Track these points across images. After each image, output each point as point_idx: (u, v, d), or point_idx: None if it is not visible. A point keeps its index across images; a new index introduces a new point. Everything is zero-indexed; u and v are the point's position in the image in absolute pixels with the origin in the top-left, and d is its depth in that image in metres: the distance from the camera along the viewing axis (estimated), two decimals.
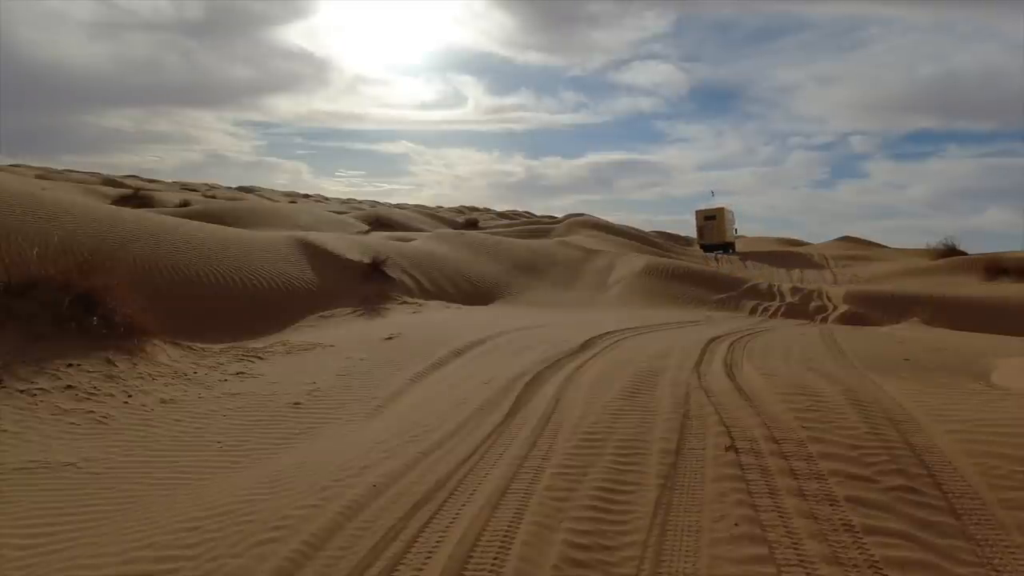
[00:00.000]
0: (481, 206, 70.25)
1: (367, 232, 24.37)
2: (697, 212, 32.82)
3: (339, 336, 9.23)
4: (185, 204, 26.91)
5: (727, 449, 3.84)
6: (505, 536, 2.97)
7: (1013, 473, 3.39)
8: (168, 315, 7.58)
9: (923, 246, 26.71)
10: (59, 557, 3.11)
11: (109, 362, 6.18)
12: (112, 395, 5.68)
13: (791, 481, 3.42)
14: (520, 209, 70.44)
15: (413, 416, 5.14)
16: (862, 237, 37.84)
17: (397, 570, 2.74)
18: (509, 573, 2.69)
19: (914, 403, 4.59)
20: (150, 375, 6.30)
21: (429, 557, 2.83)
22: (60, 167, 49.47)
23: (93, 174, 47.12)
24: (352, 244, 14.93)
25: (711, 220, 32.40)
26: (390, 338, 8.70)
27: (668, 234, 43.48)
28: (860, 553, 2.77)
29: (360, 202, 59.25)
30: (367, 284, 13.02)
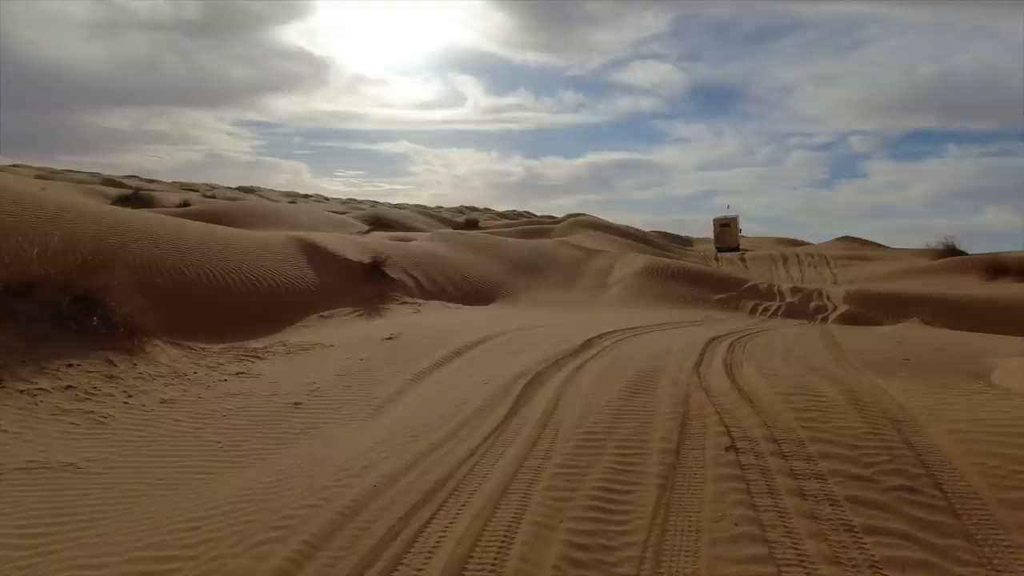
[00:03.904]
0: (481, 206, 70.33)
1: (367, 232, 24.35)
2: (714, 220, 37.55)
3: (339, 336, 9.23)
4: (185, 204, 26.85)
5: (727, 449, 3.85)
6: (505, 536, 2.97)
7: (1013, 473, 3.39)
8: (168, 315, 7.58)
9: (923, 246, 26.58)
10: (59, 557, 3.11)
11: (109, 362, 6.18)
12: (112, 395, 5.68)
13: (791, 481, 3.42)
14: (520, 209, 70.57)
15: (413, 416, 5.14)
16: (862, 237, 37.87)
17: (397, 570, 2.75)
18: (509, 573, 2.69)
19: (914, 403, 4.59)
20: (150, 375, 6.30)
21: (429, 557, 2.83)
22: (60, 167, 49.44)
23: (93, 174, 47.09)
24: (352, 244, 14.93)
25: (726, 227, 37.16)
26: (390, 338, 8.69)
27: (668, 234, 43.62)
28: (860, 553, 2.77)
29: (360, 202, 59.25)
30: (367, 284, 13.01)
